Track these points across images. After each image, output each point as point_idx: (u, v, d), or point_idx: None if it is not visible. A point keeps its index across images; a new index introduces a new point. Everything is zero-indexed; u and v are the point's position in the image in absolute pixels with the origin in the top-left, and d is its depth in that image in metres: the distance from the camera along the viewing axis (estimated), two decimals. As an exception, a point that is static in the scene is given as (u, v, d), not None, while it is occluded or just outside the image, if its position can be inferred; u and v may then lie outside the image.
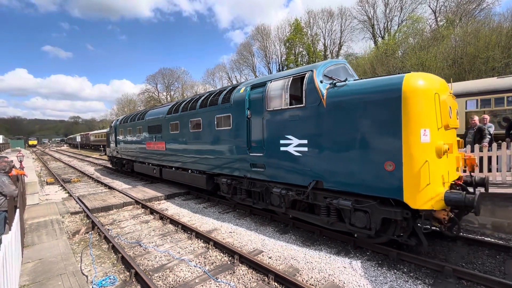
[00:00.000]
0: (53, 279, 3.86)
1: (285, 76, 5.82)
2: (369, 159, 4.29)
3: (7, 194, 4.59)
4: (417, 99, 3.89)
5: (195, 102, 8.77)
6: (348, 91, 4.60)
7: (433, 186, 3.81)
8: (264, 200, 6.53)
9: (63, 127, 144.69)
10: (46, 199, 9.59)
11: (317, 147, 5.01)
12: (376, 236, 4.64)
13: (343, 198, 4.74)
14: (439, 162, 3.94)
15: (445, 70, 19.47)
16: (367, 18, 34.81)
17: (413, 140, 3.87)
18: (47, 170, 19.00)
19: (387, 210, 4.25)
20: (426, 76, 4.18)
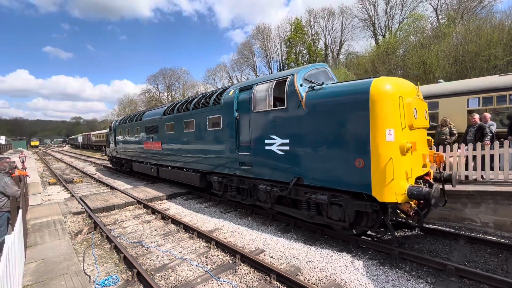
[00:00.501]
0: (56, 279, 3.88)
1: (269, 79, 6.18)
2: (342, 157, 4.68)
3: (10, 194, 4.62)
4: (382, 102, 4.26)
5: (189, 103, 9.13)
6: (324, 94, 4.99)
7: (398, 181, 4.18)
8: (252, 196, 6.89)
9: (65, 127, 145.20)
10: (48, 200, 9.64)
11: (298, 146, 5.41)
12: (351, 228, 4.99)
13: (321, 193, 5.14)
14: (403, 159, 4.30)
15: (447, 68, 19.40)
16: (368, 16, 34.74)
17: (379, 139, 4.25)
18: (49, 171, 19.09)
19: (359, 204, 4.64)
20: (392, 81, 4.54)
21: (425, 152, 5.13)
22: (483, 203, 5.58)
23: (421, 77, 20.00)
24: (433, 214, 6.21)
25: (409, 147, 4.29)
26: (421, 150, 4.98)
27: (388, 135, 4.25)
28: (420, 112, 4.88)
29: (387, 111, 4.26)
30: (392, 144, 4.24)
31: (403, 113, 4.39)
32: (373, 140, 4.29)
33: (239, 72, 51.99)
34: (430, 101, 9.10)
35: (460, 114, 8.34)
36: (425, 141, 5.26)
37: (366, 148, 4.35)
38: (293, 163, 5.53)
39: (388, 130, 4.25)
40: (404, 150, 4.27)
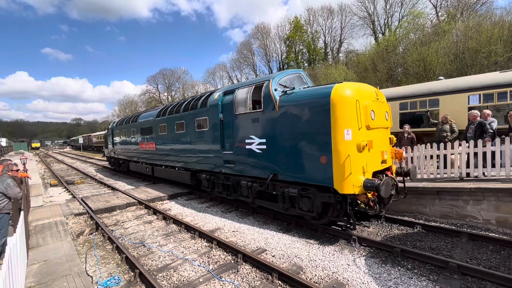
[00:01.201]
0: (58, 280, 3.89)
1: (249, 84, 6.70)
2: (310, 154, 5.22)
3: (12, 196, 4.63)
4: (341, 105, 4.78)
5: (180, 106, 9.71)
6: (294, 97, 5.54)
7: (355, 175, 4.72)
8: (236, 192, 7.42)
9: (66, 129, 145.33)
10: (50, 201, 9.66)
11: (273, 145, 5.95)
12: (319, 218, 5.57)
13: (293, 187, 5.67)
14: (360, 156, 4.83)
15: (447, 65, 19.34)
16: (367, 14, 34.63)
17: (339, 138, 4.78)
18: (51, 172, 19.12)
19: (324, 196, 5.18)
20: (351, 86, 5.04)
21: (384, 149, 5.56)
22: (485, 200, 5.57)
23: (421, 75, 19.96)
24: (433, 212, 6.21)
25: (364, 145, 4.80)
26: (380, 148, 5.42)
27: (346, 134, 4.78)
28: (378, 114, 5.36)
29: (345, 113, 4.78)
30: (350, 143, 4.77)
31: (360, 115, 4.90)
32: (334, 139, 4.82)
33: (239, 71, 51.97)
34: (431, 98, 9.08)
35: (461, 111, 8.32)
36: (386, 139, 5.77)
37: (328, 146, 4.89)
38: (270, 161, 6.06)
39: (346, 130, 4.78)
40: (360, 148, 4.80)
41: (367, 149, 4.88)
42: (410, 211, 6.58)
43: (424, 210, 6.39)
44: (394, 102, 9.96)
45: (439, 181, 6.50)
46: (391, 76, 23.96)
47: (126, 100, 70.21)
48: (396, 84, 21.30)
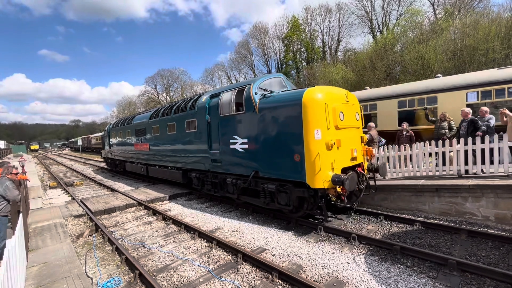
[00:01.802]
0: (58, 282, 3.88)
1: (233, 88, 7.19)
2: (285, 152, 5.65)
3: (11, 198, 4.61)
4: (311, 107, 5.21)
5: (171, 108, 10.18)
6: (271, 100, 5.99)
7: (324, 171, 5.15)
8: (223, 189, 7.82)
9: (64, 131, 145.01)
10: (49, 203, 9.64)
11: (254, 145, 6.37)
12: (296, 211, 6.04)
13: (272, 183, 6.07)
14: (329, 153, 5.24)
15: (445, 63, 19.37)
16: (365, 12, 34.62)
17: (309, 138, 5.20)
18: (50, 174, 19.07)
19: (299, 190, 5.59)
20: (322, 90, 5.47)
21: (354, 147, 5.95)
22: (484, 197, 5.58)
23: (419, 72, 19.98)
24: (433, 209, 6.22)
25: (333, 144, 5.23)
26: (349, 146, 5.83)
27: (316, 134, 5.20)
28: (348, 115, 5.84)
29: (315, 115, 5.21)
30: (319, 142, 5.18)
31: (329, 116, 5.32)
32: (305, 139, 5.25)
33: (237, 71, 51.89)
34: (429, 96, 9.09)
35: (459, 109, 8.32)
36: (357, 138, 6.22)
37: (301, 145, 5.31)
38: (251, 159, 6.50)
39: (316, 130, 5.20)
40: (329, 146, 5.21)
41: (335, 147, 5.34)
42: (410, 209, 6.60)
43: (423, 208, 6.40)
44: (392, 100, 9.97)
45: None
46: (390, 74, 23.97)
47: (124, 101, 70.04)
48: (395, 82, 21.31)
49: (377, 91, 11.12)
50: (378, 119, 10.32)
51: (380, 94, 10.53)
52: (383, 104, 10.24)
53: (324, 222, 5.78)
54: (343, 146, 5.56)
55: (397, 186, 6.77)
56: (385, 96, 10.29)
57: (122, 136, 15.22)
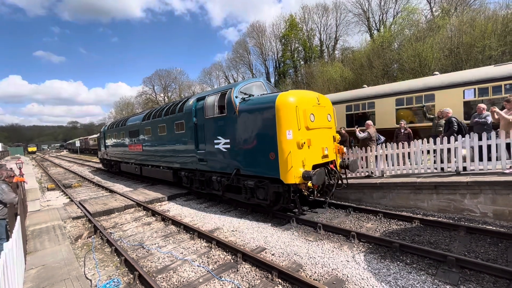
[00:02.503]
0: (57, 285, 3.86)
1: (216, 92, 7.63)
2: (262, 151, 6.12)
3: (7, 201, 4.58)
4: (283, 110, 5.71)
5: (162, 110, 10.67)
6: (250, 104, 6.46)
7: (296, 168, 5.63)
8: (209, 186, 8.25)
9: (62, 132, 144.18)
10: (47, 205, 9.58)
11: (235, 144, 6.83)
12: (273, 205, 6.49)
13: (251, 180, 6.54)
14: (299, 152, 5.72)
15: (442, 60, 19.43)
16: (362, 11, 34.67)
17: (282, 138, 5.70)
18: (48, 176, 18.98)
19: (275, 186, 6.06)
20: (293, 94, 5.96)
21: (325, 146, 6.44)
22: (482, 194, 5.60)
23: (417, 70, 20.03)
24: (431, 206, 6.24)
25: (303, 143, 5.69)
26: (320, 145, 6.30)
27: (288, 134, 5.68)
28: (319, 116, 6.31)
29: (286, 117, 5.70)
30: (291, 141, 5.67)
31: (299, 118, 5.77)
32: (278, 138, 5.74)
33: (235, 71, 51.86)
34: (426, 93, 9.12)
35: (456, 106, 8.36)
36: (328, 137, 6.69)
37: (275, 145, 5.80)
38: (233, 158, 6.96)
39: (287, 131, 5.68)
40: (300, 145, 5.68)
41: (306, 146, 5.81)
42: (408, 206, 6.62)
43: (422, 205, 6.42)
44: (390, 98, 9.99)
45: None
46: (387, 72, 24.01)
47: (122, 102, 69.77)
48: (392, 80, 21.36)
49: (375, 89, 11.14)
50: (376, 117, 10.34)
51: (378, 92, 10.55)
52: (381, 102, 10.26)
53: (299, 215, 6.31)
54: (314, 145, 6.05)
55: (396, 184, 6.78)
56: (383, 94, 10.31)
57: (117, 138, 15.65)
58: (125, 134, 14.25)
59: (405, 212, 6.38)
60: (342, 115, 11.56)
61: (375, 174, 7.76)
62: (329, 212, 6.77)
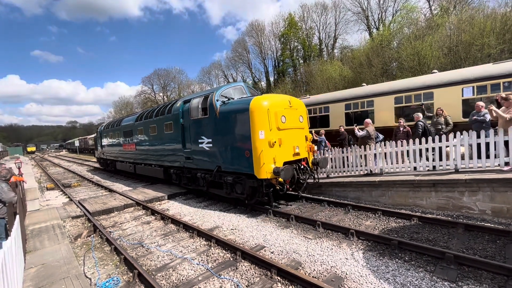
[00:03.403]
0: (56, 283, 3.86)
1: (200, 95, 8.28)
2: (239, 150, 6.75)
3: (6, 200, 4.57)
4: (256, 113, 6.33)
5: (153, 112, 11.33)
6: (229, 106, 7.10)
7: (267, 164, 6.26)
8: (195, 182, 8.83)
9: (61, 132, 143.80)
10: (46, 205, 9.58)
11: (216, 144, 7.45)
12: (250, 199, 6.98)
13: (230, 176, 7.14)
14: (271, 150, 6.33)
15: (441, 58, 19.42)
16: (361, 9, 34.61)
17: (255, 137, 6.30)
18: (47, 176, 18.96)
19: (251, 181, 6.62)
20: (266, 98, 6.59)
21: (297, 145, 6.99)
22: (480, 191, 5.62)
23: (416, 69, 20.03)
24: (430, 204, 6.26)
25: (274, 142, 6.31)
26: (292, 144, 6.87)
27: (260, 134, 6.27)
28: (290, 118, 6.88)
29: (259, 119, 6.30)
30: (263, 141, 6.27)
31: (271, 120, 6.36)
32: (252, 138, 6.33)
33: (234, 70, 51.79)
34: (425, 91, 9.12)
35: (455, 104, 8.37)
36: (300, 137, 7.23)
37: (250, 144, 6.39)
38: (215, 156, 7.56)
39: (260, 131, 6.27)
40: (271, 144, 6.29)
41: (277, 145, 6.40)
42: (407, 204, 6.63)
43: (420, 203, 6.44)
44: (389, 96, 9.99)
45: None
46: (386, 70, 24.00)
47: (121, 101, 69.66)
48: (391, 78, 21.36)
49: (374, 87, 11.15)
50: (375, 115, 10.35)
51: (377, 91, 10.55)
52: (380, 101, 10.27)
53: (272, 207, 6.97)
54: (285, 144, 6.65)
55: (394, 182, 6.80)
56: (382, 92, 10.32)
57: (112, 137, 16.32)
58: (120, 134, 14.86)
59: (404, 210, 6.40)
60: (341, 114, 11.57)
61: (374, 172, 7.78)
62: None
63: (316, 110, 12.72)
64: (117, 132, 15.46)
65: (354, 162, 8.23)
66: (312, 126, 12.72)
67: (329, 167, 8.83)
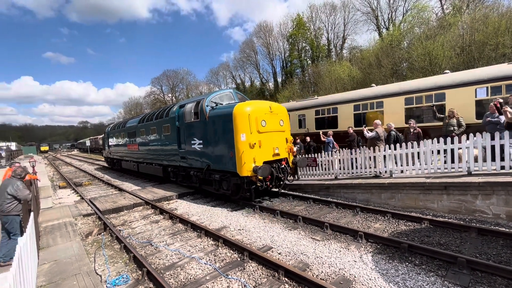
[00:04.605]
0: (68, 279, 3.96)
1: (193, 100, 9.12)
2: (224, 151, 7.48)
3: (21, 198, 4.72)
4: (238, 118, 7.06)
5: (153, 115, 12.25)
6: (216, 111, 7.88)
7: (248, 163, 6.96)
8: (189, 180, 9.60)
9: (73, 132, 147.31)
10: (59, 203, 9.83)
11: (206, 145, 8.22)
12: (235, 195, 7.73)
13: (217, 174, 7.93)
14: (251, 151, 7.04)
15: (453, 59, 18.99)
16: (370, 9, 34.20)
17: (238, 139, 7.04)
18: (59, 175, 19.44)
19: (235, 178, 7.35)
20: (248, 104, 7.37)
21: (276, 146, 7.66)
22: (494, 195, 5.47)
23: (427, 69, 19.65)
24: (441, 207, 6.13)
25: (254, 144, 7.02)
26: (272, 145, 7.56)
27: (242, 137, 7.01)
28: (270, 122, 7.57)
29: (241, 123, 7.03)
30: (244, 142, 7.00)
31: (251, 124, 7.08)
32: (235, 140, 7.07)
33: (242, 70, 51.98)
34: (437, 92, 8.94)
35: (468, 105, 8.18)
36: (280, 139, 7.87)
37: (233, 145, 7.13)
38: (205, 156, 8.30)
39: (241, 134, 7.01)
40: (251, 145, 7.01)
41: (257, 146, 7.11)
42: (417, 207, 6.51)
43: (431, 206, 6.31)
44: (399, 97, 9.84)
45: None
46: (396, 71, 23.62)
47: (131, 102, 70.88)
48: (401, 79, 21.00)
49: (383, 88, 10.99)
50: (385, 116, 10.20)
51: (386, 92, 10.41)
52: (390, 102, 10.12)
53: (251, 201, 7.70)
54: (265, 145, 7.34)
55: (404, 184, 6.69)
56: (391, 93, 10.16)
57: (118, 138, 17.40)
58: (125, 135, 15.88)
59: (414, 213, 6.28)
60: (350, 115, 11.45)
61: (383, 174, 7.67)
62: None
63: (324, 111, 12.62)
64: (122, 133, 16.41)
65: (363, 164, 8.13)
66: (320, 127, 12.65)
67: (337, 169, 8.75)
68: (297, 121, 13.96)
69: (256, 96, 45.15)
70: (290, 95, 33.25)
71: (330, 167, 9.00)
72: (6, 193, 4.63)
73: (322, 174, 9.26)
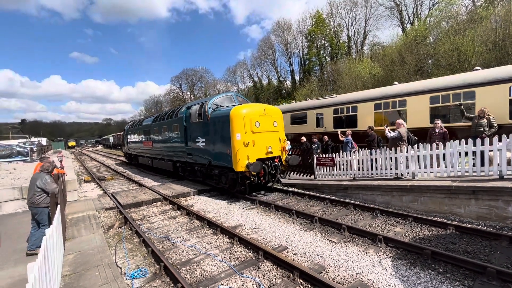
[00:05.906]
0: (91, 270, 4.14)
1: (198, 103, 10.16)
2: (223, 148, 8.39)
3: (49, 191, 4.99)
4: (234, 119, 7.91)
5: (165, 115, 13.56)
6: (216, 113, 8.82)
7: (242, 160, 7.78)
8: (195, 174, 10.77)
9: (97, 128, 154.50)
10: (84, 196, 10.33)
11: (208, 143, 9.20)
12: (232, 188, 8.59)
13: (217, 169, 8.98)
14: (245, 149, 7.86)
15: (484, 54, 17.81)
16: (394, 4, 32.85)
17: (234, 139, 7.88)
18: (85, 169, 20.45)
19: (231, 173, 8.22)
20: (244, 107, 8.19)
21: (270, 145, 8.48)
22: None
23: (455, 66, 18.57)
24: (469, 213, 5.77)
25: (248, 143, 7.86)
26: (265, 144, 8.37)
27: (237, 136, 7.85)
28: (264, 123, 8.41)
29: (236, 124, 7.89)
30: (239, 141, 7.84)
31: (246, 125, 7.94)
32: (231, 139, 7.92)
33: (260, 69, 51.89)
34: (465, 90, 8.42)
35: (501, 104, 7.63)
36: (274, 138, 8.69)
37: (230, 143, 7.99)
38: (207, 153, 9.30)
39: (237, 134, 7.85)
40: (245, 144, 7.84)
41: (251, 145, 7.95)
42: (442, 212, 6.18)
43: (457, 211, 5.96)
44: (423, 95, 9.37)
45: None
46: (421, 68, 22.54)
47: (151, 100, 73.03)
48: (426, 76, 20.01)
49: (406, 86, 10.51)
50: (408, 116, 9.77)
51: (410, 90, 9.95)
52: (414, 100, 9.67)
53: (246, 194, 8.54)
54: (259, 144, 8.17)
55: (428, 187, 6.36)
56: (415, 91, 9.70)
57: (135, 135, 18.82)
58: (141, 132, 17.20)
59: (439, 217, 5.97)
60: (370, 113, 11.08)
61: (405, 176, 7.35)
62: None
63: (343, 109, 12.30)
64: (139, 131, 17.80)
65: (383, 165, 7.84)
66: (338, 126, 12.35)
67: (356, 169, 8.50)
68: (314, 120, 13.72)
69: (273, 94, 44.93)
70: (308, 93, 32.77)
71: (348, 167, 8.76)
72: (35, 186, 4.92)
73: (339, 175, 9.04)
